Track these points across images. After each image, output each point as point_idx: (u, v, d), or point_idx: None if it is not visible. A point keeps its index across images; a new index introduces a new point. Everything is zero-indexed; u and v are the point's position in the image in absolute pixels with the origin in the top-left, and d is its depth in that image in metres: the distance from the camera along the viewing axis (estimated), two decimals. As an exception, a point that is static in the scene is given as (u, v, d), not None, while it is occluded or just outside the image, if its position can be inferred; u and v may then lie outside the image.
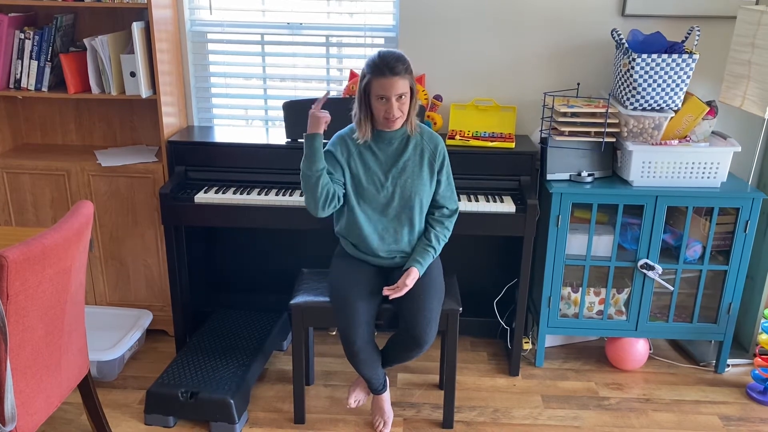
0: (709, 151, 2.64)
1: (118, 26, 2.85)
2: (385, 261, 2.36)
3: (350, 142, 2.28)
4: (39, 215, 2.90)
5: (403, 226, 2.31)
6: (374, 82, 2.14)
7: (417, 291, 2.25)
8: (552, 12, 2.86)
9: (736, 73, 2.66)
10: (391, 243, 2.32)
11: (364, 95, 2.19)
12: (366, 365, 2.29)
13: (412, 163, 2.28)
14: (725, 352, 2.86)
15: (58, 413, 2.53)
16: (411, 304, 2.23)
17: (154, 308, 3.01)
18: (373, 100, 2.18)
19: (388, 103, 2.16)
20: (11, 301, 1.62)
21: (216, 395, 2.41)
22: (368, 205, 2.29)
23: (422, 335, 2.20)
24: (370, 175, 2.27)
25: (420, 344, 2.22)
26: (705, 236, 2.72)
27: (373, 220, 2.30)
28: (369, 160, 2.27)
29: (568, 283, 2.83)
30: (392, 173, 2.27)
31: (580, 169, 2.72)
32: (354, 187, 2.29)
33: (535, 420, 2.56)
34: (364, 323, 2.21)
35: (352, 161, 2.27)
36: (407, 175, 2.28)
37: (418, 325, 2.20)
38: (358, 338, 2.20)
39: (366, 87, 2.18)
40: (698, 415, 2.61)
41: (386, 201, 2.28)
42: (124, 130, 3.08)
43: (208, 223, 2.68)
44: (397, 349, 2.34)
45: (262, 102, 3.15)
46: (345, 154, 2.28)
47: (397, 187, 2.27)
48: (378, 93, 2.15)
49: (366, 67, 2.18)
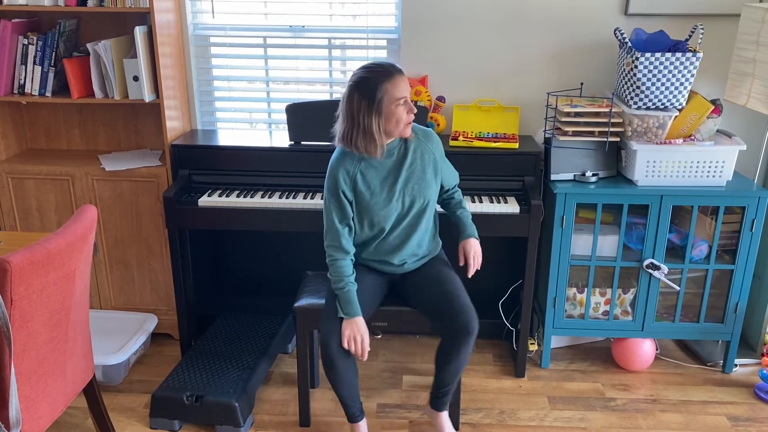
0: (714, 149, 2.62)
1: (121, 31, 2.86)
2: (394, 268, 2.33)
3: (350, 167, 2.17)
4: (44, 220, 2.91)
5: (415, 232, 2.27)
6: (390, 87, 2.06)
7: (440, 286, 2.25)
8: (555, 12, 2.86)
9: (740, 71, 2.64)
10: (404, 251, 2.29)
11: (377, 109, 2.06)
12: (343, 380, 2.19)
13: (417, 170, 2.22)
14: (732, 351, 2.84)
15: (64, 418, 2.53)
16: (442, 298, 2.22)
17: (159, 312, 3.01)
18: (392, 108, 2.07)
19: (407, 103, 2.11)
20: (15, 305, 1.63)
21: (221, 398, 2.41)
22: (379, 224, 2.22)
23: (468, 319, 2.16)
24: (377, 194, 2.19)
25: (469, 329, 2.16)
26: (711, 235, 2.71)
27: (386, 235, 2.25)
28: (372, 179, 2.18)
29: (573, 284, 2.82)
30: (398, 185, 2.20)
31: (585, 169, 2.71)
32: (363, 209, 2.20)
33: (542, 421, 2.55)
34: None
35: (357, 187, 2.18)
36: (414, 182, 2.22)
37: (461, 311, 2.17)
38: (337, 343, 2.14)
39: (383, 97, 2.05)
40: (706, 415, 2.59)
41: (398, 214, 2.23)
42: (128, 135, 3.09)
43: (212, 226, 2.68)
44: (450, 353, 2.21)
45: (265, 105, 3.15)
46: (350, 183, 2.17)
47: (406, 197, 2.22)
48: (398, 96, 2.07)
49: (372, 79, 2.05)
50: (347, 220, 2.21)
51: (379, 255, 2.29)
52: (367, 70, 2.09)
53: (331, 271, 2.21)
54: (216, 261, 3.15)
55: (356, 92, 2.08)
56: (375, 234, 2.25)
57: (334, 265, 2.19)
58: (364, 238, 2.26)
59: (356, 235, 2.26)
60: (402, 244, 2.27)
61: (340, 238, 2.20)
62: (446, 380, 2.27)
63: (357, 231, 2.25)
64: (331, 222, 2.20)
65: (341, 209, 2.19)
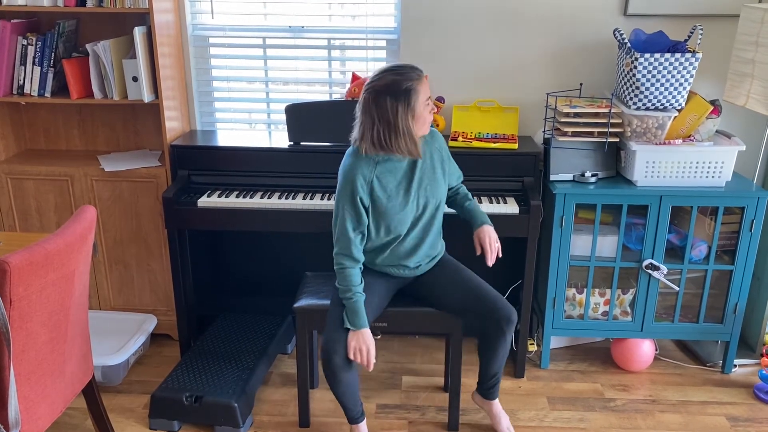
0: (713, 150, 2.62)
1: (120, 31, 2.86)
2: (409, 271, 2.33)
3: (366, 172, 2.14)
4: (43, 221, 2.90)
5: (428, 234, 2.28)
6: (419, 87, 2.08)
7: (465, 284, 2.31)
8: (554, 12, 2.86)
9: (739, 72, 2.64)
10: (419, 253, 2.29)
11: (410, 111, 2.07)
12: (345, 388, 2.19)
13: (428, 170, 2.23)
14: (732, 352, 2.84)
15: (63, 418, 2.53)
16: (472, 297, 2.27)
17: (159, 312, 3.01)
18: (422, 108, 2.10)
19: (431, 102, 2.15)
20: (14, 306, 1.63)
21: (220, 399, 2.41)
22: (396, 228, 2.21)
23: (508, 310, 2.24)
24: (393, 198, 2.18)
25: (512, 318, 2.24)
26: (710, 236, 2.71)
27: (402, 239, 2.25)
28: (389, 183, 2.17)
29: (572, 284, 2.82)
30: (413, 188, 2.20)
31: (584, 170, 2.71)
32: (381, 214, 2.19)
33: (541, 422, 2.55)
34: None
35: (374, 192, 2.16)
36: (426, 183, 2.22)
37: (498, 304, 2.24)
38: (338, 356, 2.12)
39: (414, 98, 2.06)
40: (705, 416, 2.59)
41: (413, 217, 2.23)
42: (127, 135, 3.09)
43: (212, 226, 2.68)
44: (497, 345, 2.29)
45: (264, 105, 3.15)
46: (367, 189, 2.15)
47: (420, 199, 2.22)
48: (426, 95, 2.11)
49: (401, 84, 2.05)
50: (362, 227, 2.18)
51: (395, 260, 2.28)
52: (394, 72, 2.09)
53: (339, 279, 2.18)
54: (215, 261, 3.15)
55: (388, 95, 2.06)
56: (391, 239, 2.24)
57: (343, 274, 2.17)
58: (379, 243, 2.25)
59: (371, 241, 2.24)
60: (417, 247, 2.28)
61: (352, 247, 2.17)
62: (495, 369, 2.38)
63: (373, 237, 2.23)
64: (344, 230, 2.16)
65: (357, 217, 2.16)
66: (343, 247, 2.17)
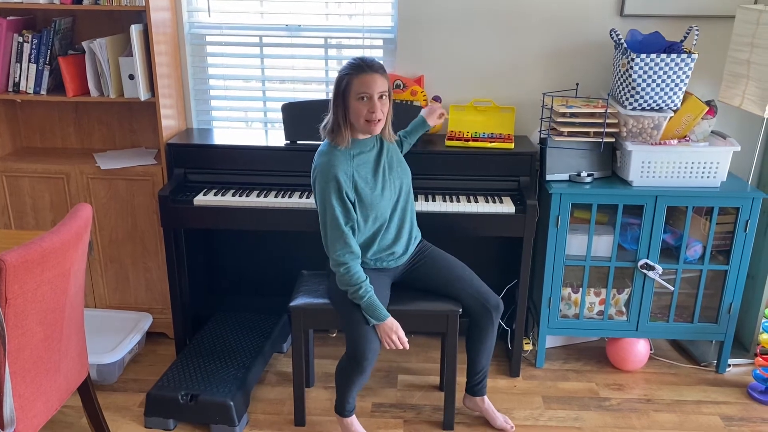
0: (708, 150, 2.63)
1: (117, 29, 2.85)
2: (399, 258, 2.36)
3: (346, 167, 2.17)
4: (38, 218, 2.90)
5: (407, 214, 2.34)
6: (355, 80, 2.10)
7: (454, 274, 2.38)
8: (550, 12, 2.86)
9: (735, 73, 2.65)
10: (403, 236, 2.34)
11: (342, 100, 2.13)
12: (363, 382, 2.28)
13: (393, 156, 2.31)
14: (726, 351, 2.85)
15: (58, 416, 2.52)
16: (461, 285, 2.35)
17: (154, 311, 3.01)
18: (354, 101, 2.12)
19: (371, 101, 2.11)
20: (10, 304, 1.62)
21: (216, 398, 2.40)
22: (382, 215, 2.25)
23: (494, 296, 2.35)
24: (373, 186, 2.22)
25: (498, 305, 2.35)
26: (705, 236, 2.72)
27: (387, 225, 2.28)
28: (366, 173, 2.22)
29: (568, 284, 2.82)
30: (386, 173, 2.26)
31: (580, 170, 2.72)
32: (368, 205, 2.21)
33: (536, 421, 2.56)
34: (377, 338, 2.21)
35: (357, 185, 2.19)
36: (395, 166, 2.30)
37: (483, 291, 2.35)
38: (371, 353, 2.18)
39: (345, 89, 2.12)
40: (699, 415, 2.60)
41: (393, 201, 2.28)
42: (123, 133, 3.08)
43: (208, 225, 2.68)
44: (485, 334, 2.38)
45: (261, 104, 3.15)
46: (351, 183, 2.18)
47: (395, 182, 2.28)
48: (360, 91, 2.10)
49: (343, 70, 2.14)
50: (352, 222, 2.20)
51: (384, 249, 2.31)
52: (349, 61, 2.16)
53: (345, 280, 2.18)
54: (211, 260, 3.15)
55: (338, 77, 2.16)
56: (378, 227, 2.27)
57: (349, 273, 2.16)
58: (367, 235, 2.27)
59: (360, 234, 2.25)
60: (401, 230, 2.33)
61: (350, 242, 2.18)
62: (483, 363, 2.46)
63: (362, 228, 2.24)
64: (338, 225, 2.16)
65: (346, 212, 2.18)
66: (342, 244, 2.17)
